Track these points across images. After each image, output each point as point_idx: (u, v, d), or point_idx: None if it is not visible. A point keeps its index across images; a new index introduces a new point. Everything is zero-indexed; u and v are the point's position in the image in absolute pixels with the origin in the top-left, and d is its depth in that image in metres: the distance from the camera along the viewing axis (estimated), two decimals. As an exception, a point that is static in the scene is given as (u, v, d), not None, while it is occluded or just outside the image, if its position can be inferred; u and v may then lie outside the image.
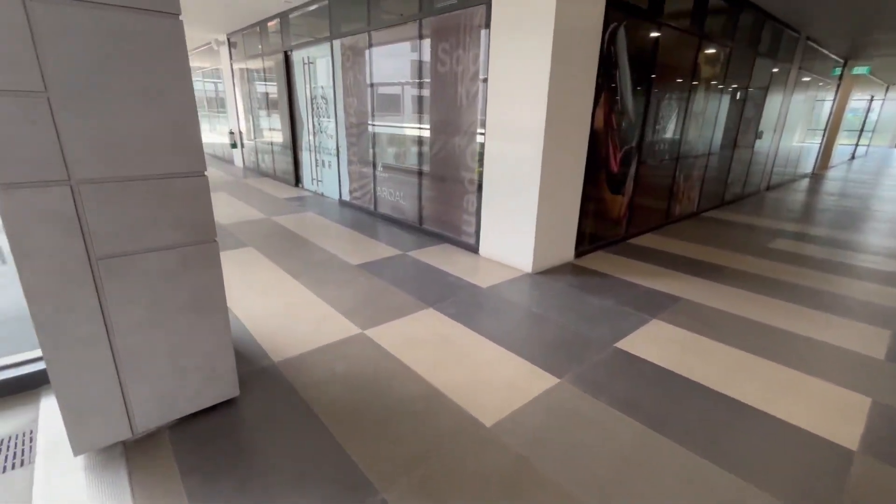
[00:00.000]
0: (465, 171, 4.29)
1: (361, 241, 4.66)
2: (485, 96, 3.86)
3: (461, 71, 4.09)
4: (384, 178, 5.48)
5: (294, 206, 6.30)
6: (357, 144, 5.85)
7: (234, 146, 9.97)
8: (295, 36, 6.74)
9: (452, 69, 4.18)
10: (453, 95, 4.23)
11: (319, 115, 6.63)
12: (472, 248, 4.37)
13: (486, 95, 3.82)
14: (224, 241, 4.57)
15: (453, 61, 4.15)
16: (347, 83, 5.75)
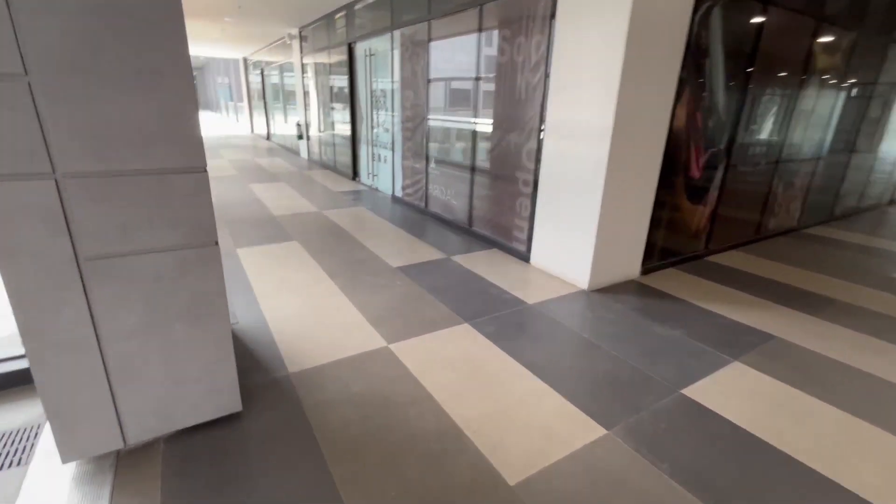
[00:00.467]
0: (519, 171, 3.91)
1: (406, 241, 4.44)
2: (546, 90, 3.44)
3: (521, 62, 3.70)
4: (436, 175, 5.23)
5: (347, 200, 6.25)
6: (412, 139, 5.65)
7: (301, 138, 10.26)
8: (358, 27, 6.67)
9: (512, 60, 3.80)
10: (512, 89, 3.85)
11: (378, 109, 6.51)
12: (522, 256, 3.99)
13: (548, 89, 3.41)
14: (271, 233, 4.57)
15: (513, 51, 3.77)
16: (405, 75, 5.55)
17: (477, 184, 4.55)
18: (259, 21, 8.57)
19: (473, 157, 4.53)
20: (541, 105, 3.55)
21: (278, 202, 5.91)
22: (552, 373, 2.33)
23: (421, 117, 5.33)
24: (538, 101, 3.59)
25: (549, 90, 3.39)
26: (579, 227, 3.33)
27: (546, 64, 3.44)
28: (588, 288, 3.38)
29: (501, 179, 4.19)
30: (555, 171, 3.47)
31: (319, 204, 5.90)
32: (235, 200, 5.96)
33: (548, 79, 3.40)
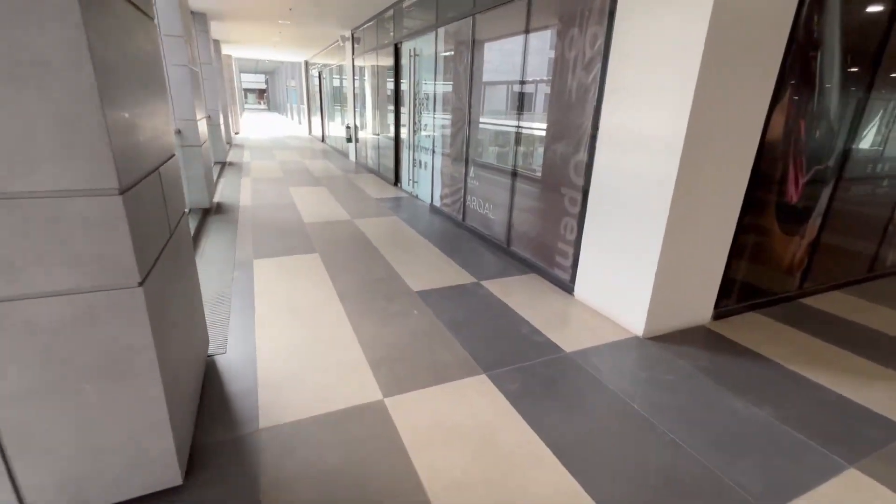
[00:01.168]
0: (566, 185, 3.33)
1: (435, 259, 3.99)
2: (601, 91, 2.85)
3: (573, 58, 3.13)
4: (475, 185, 4.74)
5: (383, 208, 5.93)
6: (452, 145, 5.20)
7: (350, 140, 10.17)
8: (405, 26, 6.34)
9: (562, 56, 3.24)
10: (561, 90, 3.29)
11: (420, 112, 6.14)
12: (564, 286, 3.40)
13: (603, 90, 2.82)
14: (295, 243, 4.30)
15: (564, 46, 3.21)
16: (447, 76, 5.12)
17: (518, 198, 4.00)
18: (312, 23, 8.54)
19: (514, 167, 3.99)
20: (594, 109, 2.96)
21: (313, 208, 5.70)
22: (585, 461, 1.76)
23: (461, 121, 4.87)
24: (590, 105, 3.00)
25: (605, 91, 2.80)
26: (636, 256, 2.70)
27: (603, 60, 2.85)
28: (643, 334, 2.74)
29: (545, 194, 3.63)
30: (608, 187, 2.87)
31: (354, 212, 5.62)
32: (271, 204, 5.82)
33: (604, 78, 2.81)
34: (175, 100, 4.67)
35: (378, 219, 5.34)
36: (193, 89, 4.81)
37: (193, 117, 4.78)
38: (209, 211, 5.23)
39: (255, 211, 5.45)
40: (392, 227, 5.03)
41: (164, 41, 4.47)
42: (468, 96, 4.64)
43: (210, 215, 5.15)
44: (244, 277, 3.42)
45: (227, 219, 5.05)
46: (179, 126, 4.76)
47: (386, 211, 5.75)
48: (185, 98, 4.70)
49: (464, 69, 4.70)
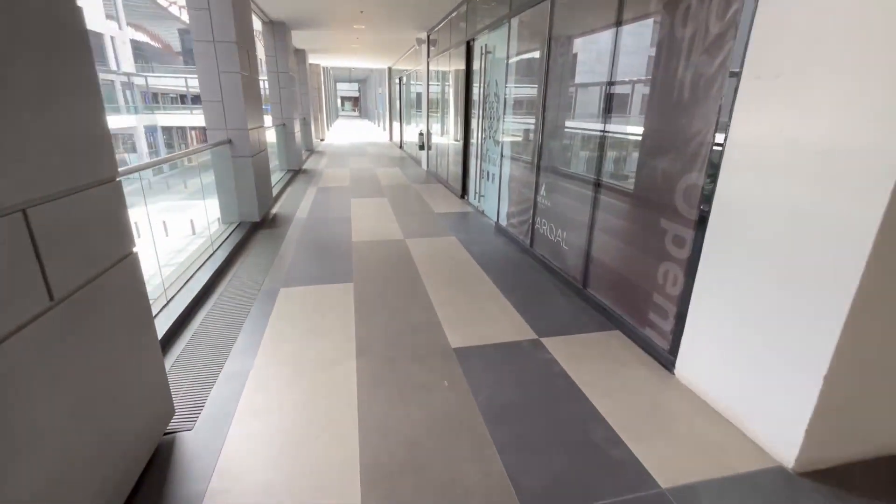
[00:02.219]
0: (669, 217, 2.36)
1: (487, 300, 3.22)
2: (728, 85, 1.88)
3: (687, 40, 2.17)
4: (546, 206, 3.86)
5: (443, 225, 5.26)
6: (522, 155, 4.37)
7: (422, 148, 9.72)
8: (478, 20, 5.63)
9: (670, 38, 2.29)
10: (664, 86, 2.34)
11: (490, 116, 5.38)
12: (660, 357, 2.43)
13: (738, 82, 1.85)
14: (333, 268, 3.79)
15: (674, 23, 2.26)
16: (520, 73, 4.31)
17: (600, 224, 3.08)
18: (386, 26, 8.20)
19: (597, 186, 3.07)
20: (717, 110, 1.99)
21: (367, 224, 5.22)
22: None
23: (534, 128, 4.03)
24: (713, 103, 2.03)
25: (742, 80, 1.83)
26: (791, 339, 1.70)
27: (735, 38, 1.88)
28: (795, 465, 1.71)
29: (638, 225, 2.67)
30: (741, 228, 1.88)
31: (409, 229, 5.02)
32: (325, 218, 5.45)
33: (741, 61, 1.84)
34: (226, 108, 4.44)
35: (433, 239, 4.68)
36: (247, 98, 4.56)
37: (244, 126, 4.53)
38: (260, 224, 4.98)
39: (306, 225, 5.10)
40: (447, 250, 4.34)
41: (216, 47, 4.25)
42: (542, 97, 3.78)
43: (261, 229, 4.88)
44: (259, 315, 2.94)
45: (276, 234, 4.73)
46: (230, 136, 4.53)
47: (444, 229, 5.07)
48: (236, 106, 4.45)
49: (539, 65, 3.86)
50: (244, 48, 4.54)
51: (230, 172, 4.63)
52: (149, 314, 1.74)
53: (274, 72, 8.20)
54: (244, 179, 4.70)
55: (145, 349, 1.72)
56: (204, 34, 4.20)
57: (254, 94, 4.84)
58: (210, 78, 4.32)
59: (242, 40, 4.48)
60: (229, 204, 4.74)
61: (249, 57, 4.75)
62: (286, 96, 8.44)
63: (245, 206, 4.80)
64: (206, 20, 4.16)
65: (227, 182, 4.66)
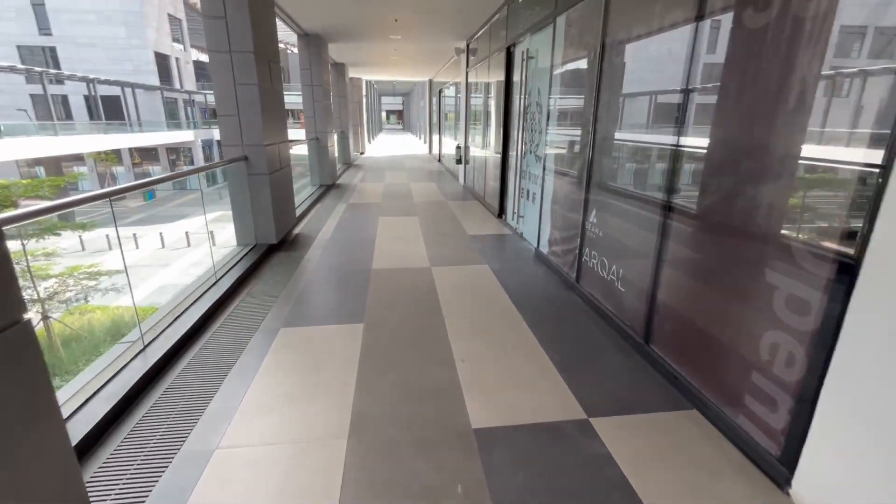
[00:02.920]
0: (780, 266, 1.67)
1: (521, 356, 2.60)
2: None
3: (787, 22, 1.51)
4: (597, 235, 3.20)
5: (475, 250, 4.68)
6: (567, 173, 3.74)
7: (459, 161, 9.22)
8: (519, 24, 5.08)
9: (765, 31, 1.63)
10: (755, 82, 1.67)
11: (531, 128, 4.79)
12: (763, 463, 1.72)
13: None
14: (344, 304, 3.31)
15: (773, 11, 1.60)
16: (566, 79, 3.71)
17: (670, 264, 2.40)
18: (423, 35, 7.83)
19: (667, 211, 2.40)
20: (877, 116, 1.32)
21: (391, 247, 4.74)
22: None
23: (581, 141, 3.40)
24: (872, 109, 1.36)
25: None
26: None
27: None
28: None
29: (729, 270, 1.99)
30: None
31: (437, 255, 4.49)
32: (348, 240, 5.03)
33: None
34: (243, 123, 4.12)
35: (463, 268, 4.11)
36: (266, 111, 4.23)
37: (261, 142, 4.18)
38: (277, 247, 4.61)
39: (327, 247, 4.69)
40: (477, 282, 3.76)
41: (233, 58, 3.94)
42: (594, 105, 3.16)
43: (277, 251, 4.51)
44: (247, 366, 2.48)
45: (292, 258, 4.34)
46: (247, 152, 4.20)
47: (476, 256, 4.49)
48: (253, 121, 4.12)
49: (589, 67, 3.24)
50: (264, 59, 4.22)
51: (246, 191, 4.30)
52: (53, 407, 1.28)
53: (308, 85, 8.02)
54: (261, 199, 4.36)
55: (48, 454, 1.26)
56: (220, 44, 3.90)
57: (274, 108, 4.51)
58: (226, 91, 4.01)
59: (262, 51, 4.16)
60: (245, 224, 4.41)
61: (271, 69, 4.44)
62: (320, 110, 8.23)
63: (261, 228, 4.45)
64: (223, 29, 3.87)
65: (243, 201, 4.33)
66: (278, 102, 4.69)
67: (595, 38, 3.12)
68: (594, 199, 3.23)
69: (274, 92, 4.55)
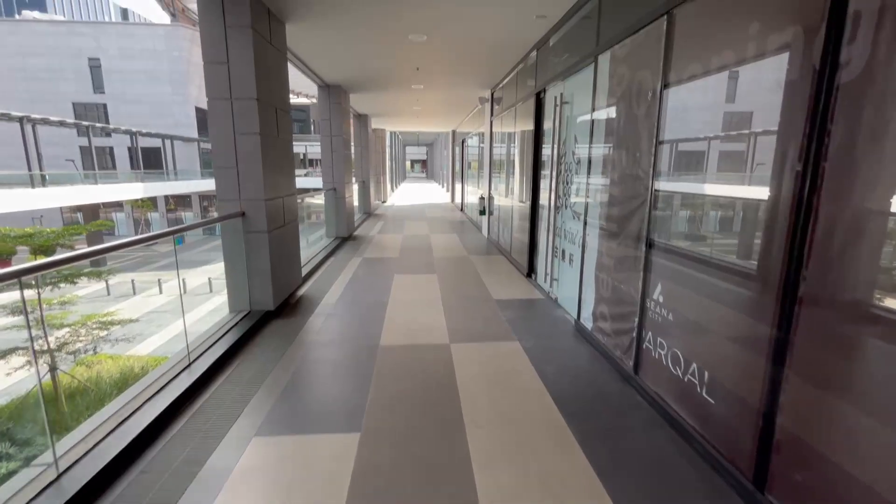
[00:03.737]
0: None
1: (572, 497, 1.83)
2: None
3: None
4: (665, 318, 2.46)
5: (503, 321, 3.97)
6: (619, 233, 3.07)
7: (482, 213, 8.70)
8: (550, 67, 4.64)
9: None
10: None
11: (566, 180, 4.19)
12: None
13: None
14: (342, 398, 2.63)
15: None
16: (614, 125, 3.13)
17: (801, 372, 1.64)
18: (446, 84, 7.57)
19: (787, 295, 1.67)
20: None
21: (405, 315, 4.09)
22: None
23: (636, 194, 2.76)
24: None
25: None
26: None
27: None
28: None
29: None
30: None
31: (458, 327, 3.80)
32: (357, 304, 4.42)
33: None
34: (241, 175, 3.67)
35: (489, 346, 3.40)
36: (269, 163, 3.80)
37: (261, 196, 3.71)
38: (275, 314, 4.02)
39: (331, 316, 4.07)
40: (507, 367, 3.03)
41: (234, 105, 3.56)
42: (652, 154, 2.54)
43: (274, 320, 3.92)
44: (197, 501, 1.80)
45: (289, 329, 3.73)
46: (245, 207, 3.73)
47: (505, 328, 3.78)
48: (252, 173, 3.67)
49: (645, 109, 2.66)
50: (269, 106, 3.84)
51: (241, 251, 3.79)
52: None
53: (327, 135, 7.78)
54: (258, 259, 3.83)
55: None
56: (220, 91, 3.54)
57: (279, 159, 4.09)
58: (224, 140, 3.61)
59: (268, 98, 3.79)
60: (239, 288, 3.86)
61: (278, 117, 4.06)
62: (339, 160, 7.94)
63: (257, 292, 3.90)
64: (224, 75, 3.51)
65: (238, 263, 3.81)
66: (285, 153, 4.28)
67: (652, 76, 2.56)
68: (659, 267, 2.54)
69: (281, 143, 4.14)
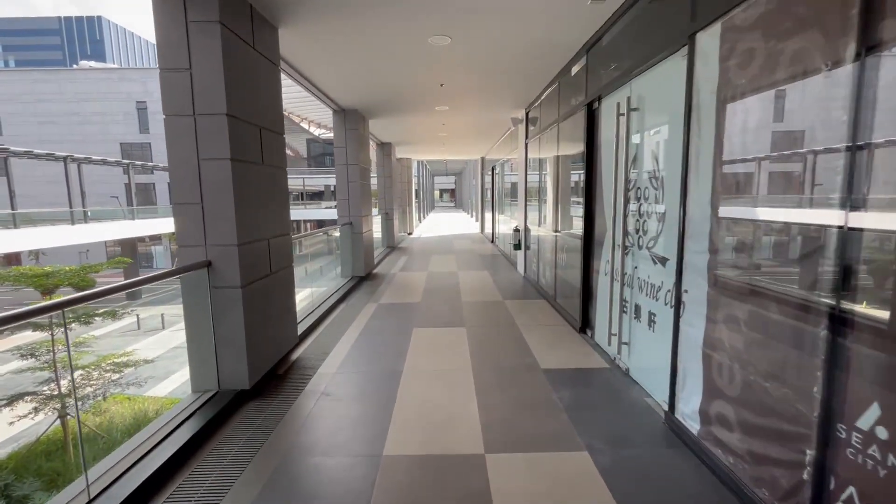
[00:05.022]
0: None
1: None
2: None
3: None
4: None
5: (560, 408, 2.85)
6: (758, 294, 1.94)
7: (518, 247, 7.63)
8: (607, 72, 3.65)
9: None
10: None
11: (640, 212, 3.11)
12: None
13: None
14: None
15: None
16: (739, 124, 2.05)
17: None
18: (473, 103, 6.71)
19: None
20: None
21: (423, 396, 3.03)
22: None
23: (809, 236, 1.65)
24: None
25: None
26: None
27: None
28: None
29: None
30: None
31: (497, 419, 2.70)
32: (360, 380, 3.40)
33: None
34: (208, 214, 2.80)
35: (544, 458, 2.28)
36: (245, 197, 2.92)
37: (232, 240, 2.82)
38: (252, 393, 3.05)
39: (326, 395, 3.07)
40: (571, 495, 1.91)
41: (198, 124, 2.72)
42: (847, 164, 1.46)
43: (250, 402, 2.94)
44: None
45: (264, 420, 2.74)
46: (212, 255, 2.83)
47: (562, 423, 2.65)
48: (222, 211, 2.79)
49: (817, 97, 1.59)
50: (248, 125, 3.00)
51: (206, 313, 2.87)
52: None
53: (343, 164, 7.02)
54: (228, 323, 2.90)
55: None
56: (179, 105, 2.72)
57: (263, 192, 3.22)
58: (184, 168, 2.76)
59: (246, 114, 2.96)
60: (203, 361, 2.93)
61: (264, 139, 3.21)
62: (356, 191, 7.13)
63: (228, 366, 2.95)
64: (185, 85, 2.70)
65: (202, 327, 2.89)
66: (274, 184, 3.41)
67: (829, 38, 1.50)
68: (872, 369, 1.40)
69: (268, 172, 3.28)
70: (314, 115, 9.58)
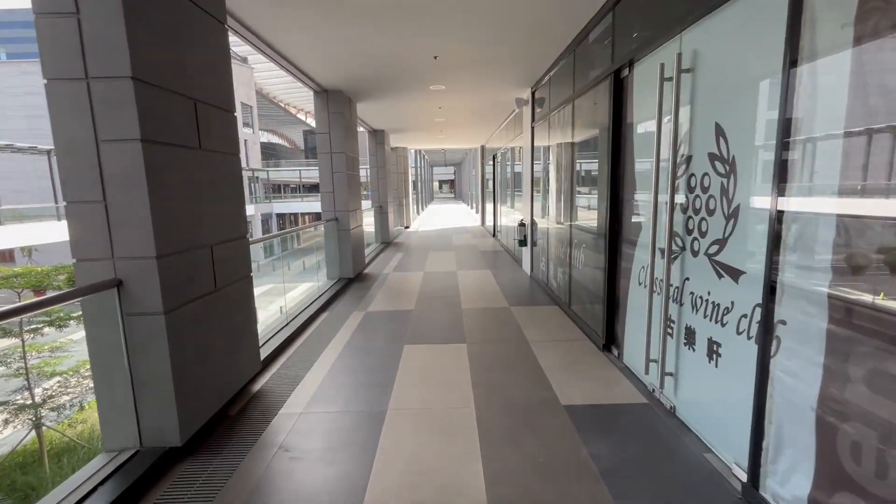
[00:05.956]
0: None
1: None
2: None
3: None
4: None
5: (592, 470, 2.13)
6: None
7: (524, 244, 6.89)
8: (640, 27, 2.88)
9: None
10: None
11: (692, 207, 2.36)
12: None
13: None
14: None
15: None
16: (868, 75, 1.29)
17: None
18: (471, 82, 5.92)
19: None
20: None
21: (410, 453, 2.31)
22: None
23: None
24: None
25: None
26: None
27: None
28: None
29: None
30: None
31: (509, 493, 1.99)
32: (331, 421, 2.68)
33: None
34: (112, 215, 2.05)
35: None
36: (163, 187, 2.18)
37: (149, 251, 2.07)
38: (184, 451, 2.33)
39: (284, 449, 2.35)
40: None
41: (92, 90, 1.96)
42: None
43: (177, 466, 2.23)
44: None
45: (202, 485, 2.02)
46: (123, 270, 2.09)
47: (600, 497, 1.93)
48: (133, 212, 2.04)
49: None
50: (173, 95, 2.25)
51: (119, 347, 2.14)
52: None
53: (326, 153, 6.25)
54: (150, 360, 2.17)
55: None
56: (65, 66, 1.96)
57: (203, 184, 2.47)
58: (78, 155, 2.01)
59: (168, 78, 2.20)
60: (117, 410, 2.20)
61: (199, 116, 2.46)
62: (341, 183, 6.37)
63: (151, 416, 2.22)
64: (72, 35, 1.94)
65: (114, 366, 2.16)
66: (223, 176, 2.66)
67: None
68: None
69: (210, 158, 2.53)
70: (310, 105, 8.83)
